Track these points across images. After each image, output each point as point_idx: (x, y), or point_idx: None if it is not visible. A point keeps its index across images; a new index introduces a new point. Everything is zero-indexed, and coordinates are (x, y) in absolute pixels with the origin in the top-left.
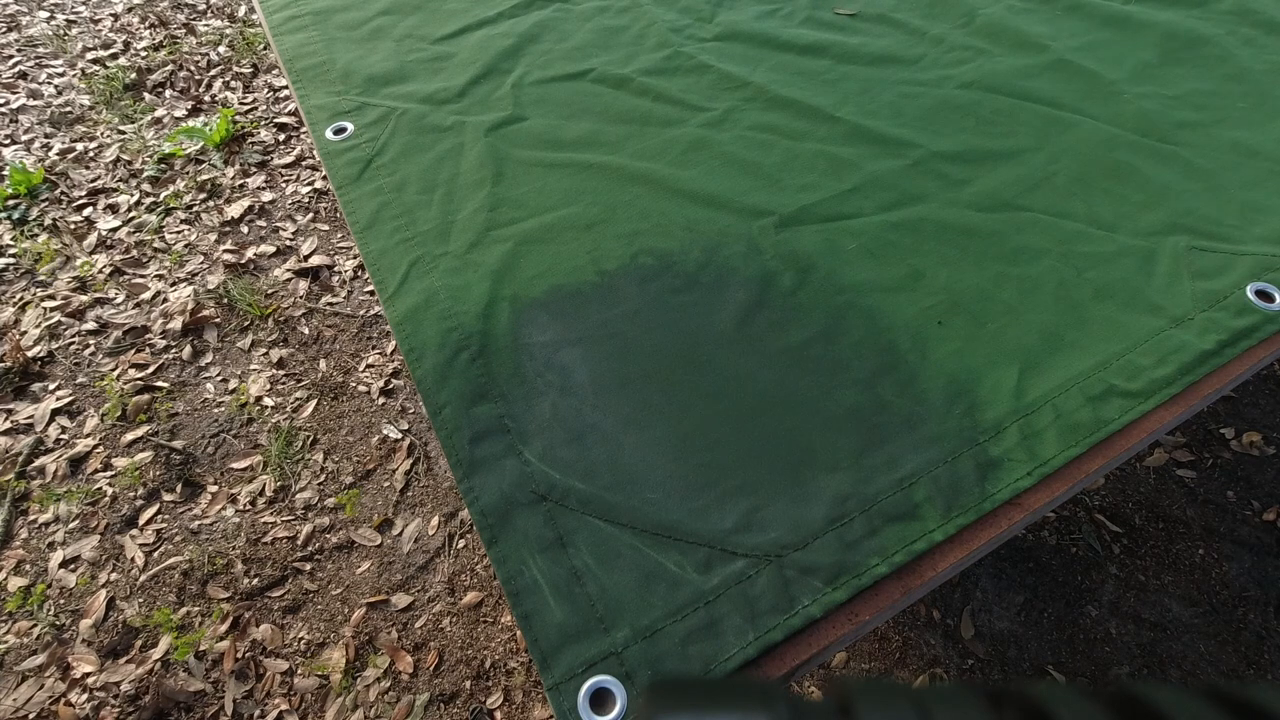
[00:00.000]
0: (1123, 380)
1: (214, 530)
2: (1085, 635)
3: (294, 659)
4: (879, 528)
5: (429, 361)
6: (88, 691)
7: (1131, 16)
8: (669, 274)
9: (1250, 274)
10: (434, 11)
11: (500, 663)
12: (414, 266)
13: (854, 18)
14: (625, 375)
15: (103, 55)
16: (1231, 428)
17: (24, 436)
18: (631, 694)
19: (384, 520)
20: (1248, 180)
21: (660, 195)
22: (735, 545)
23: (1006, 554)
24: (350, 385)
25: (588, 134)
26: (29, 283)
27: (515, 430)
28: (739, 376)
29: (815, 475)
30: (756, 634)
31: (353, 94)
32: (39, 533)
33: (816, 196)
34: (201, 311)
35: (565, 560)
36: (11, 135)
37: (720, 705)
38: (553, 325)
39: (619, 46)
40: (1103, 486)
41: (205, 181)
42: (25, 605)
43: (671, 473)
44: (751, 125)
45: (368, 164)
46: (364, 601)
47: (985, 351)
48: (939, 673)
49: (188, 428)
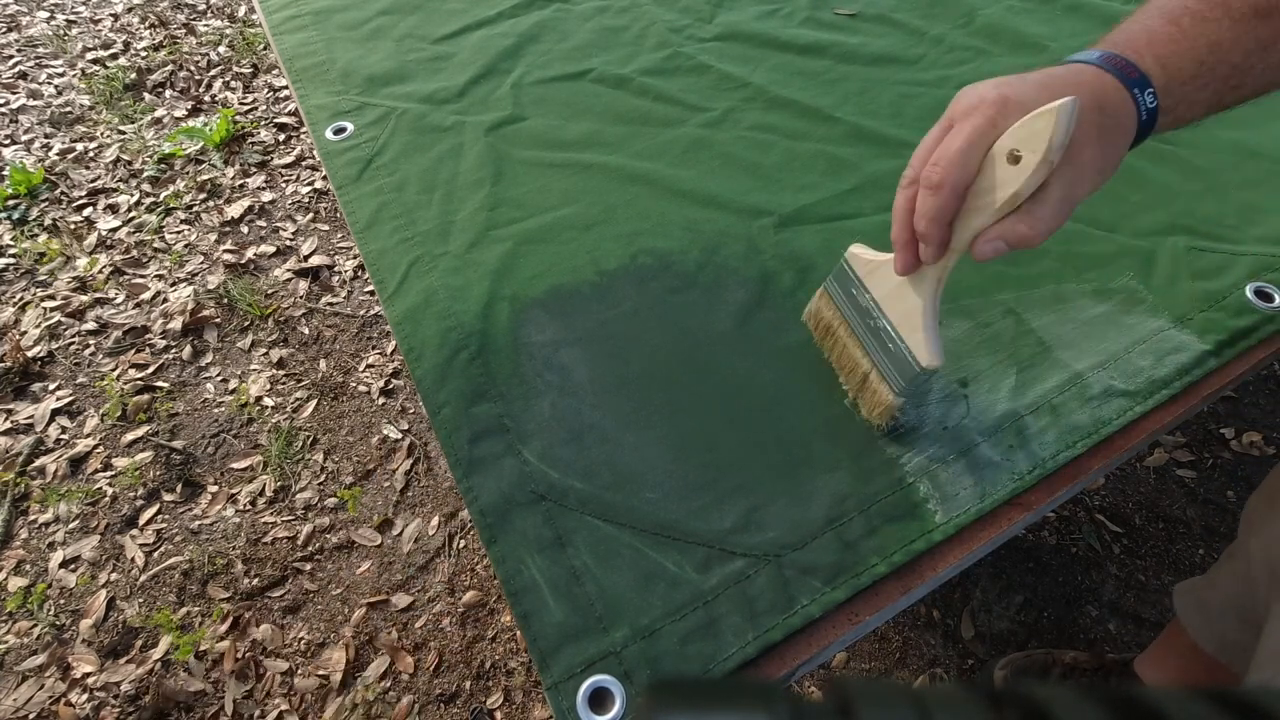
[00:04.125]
0: (1122, 380)
1: (214, 530)
2: (1085, 635)
3: (294, 659)
4: (878, 527)
5: (428, 361)
6: (88, 691)
7: None
8: (668, 274)
9: (1249, 274)
10: (434, 11)
11: (500, 663)
12: (414, 266)
13: (854, 18)
14: (624, 375)
15: (103, 55)
16: (1231, 428)
17: (24, 436)
18: (630, 694)
19: (384, 520)
20: (1247, 180)
21: (660, 195)
22: (734, 545)
23: (1006, 554)
24: (350, 385)
25: (587, 134)
26: (29, 283)
27: (514, 430)
28: (738, 376)
29: (814, 475)
30: (756, 633)
31: (353, 94)
32: (39, 533)
33: (816, 196)
34: (201, 311)
35: (564, 560)
36: (11, 135)
37: (720, 705)
38: (552, 325)
39: (619, 46)
40: (1103, 486)
41: (205, 181)
42: (25, 605)
43: (670, 472)
44: (751, 125)
45: (368, 164)
46: (364, 601)
47: (985, 351)
48: (939, 673)
49: (188, 428)
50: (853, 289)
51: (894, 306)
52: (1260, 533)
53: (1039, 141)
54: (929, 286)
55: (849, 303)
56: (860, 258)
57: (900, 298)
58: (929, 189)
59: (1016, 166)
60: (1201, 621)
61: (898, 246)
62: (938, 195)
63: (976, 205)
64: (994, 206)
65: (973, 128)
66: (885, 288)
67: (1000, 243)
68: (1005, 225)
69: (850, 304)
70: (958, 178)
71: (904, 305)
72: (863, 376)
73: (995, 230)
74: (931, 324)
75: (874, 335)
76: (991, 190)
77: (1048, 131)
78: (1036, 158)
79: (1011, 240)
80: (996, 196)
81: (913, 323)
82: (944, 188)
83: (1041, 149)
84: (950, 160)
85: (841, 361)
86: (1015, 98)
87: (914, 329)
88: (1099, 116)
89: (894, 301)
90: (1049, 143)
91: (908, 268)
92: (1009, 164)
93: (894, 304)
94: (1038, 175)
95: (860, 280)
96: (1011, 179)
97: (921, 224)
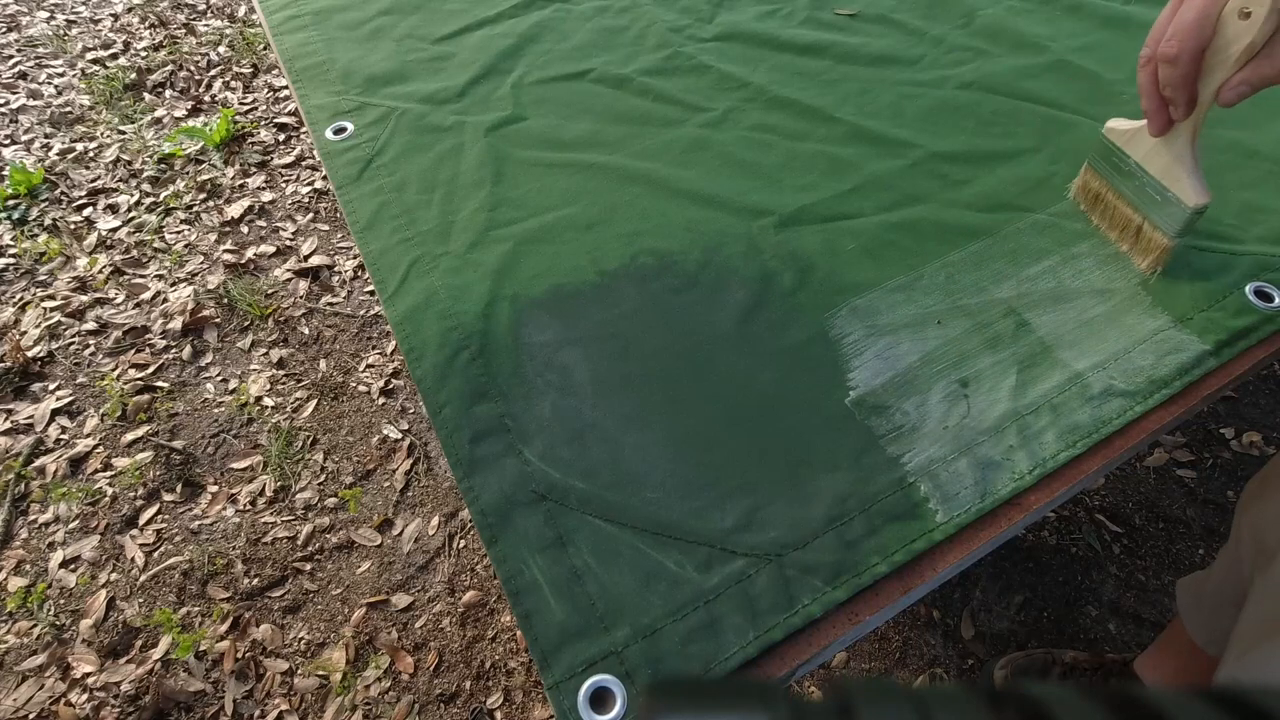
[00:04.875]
0: (1122, 380)
1: (214, 530)
2: (1085, 635)
3: (294, 659)
4: (879, 527)
5: (429, 361)
6: (88, 691)
7: (1131, 16)
8: (669, 274)
9: (1249, 274)
10: (434, 11)
11: (500, 663)
12: (414, 266)
13: (854, 18)
14: (625, 375)
15: (103, 55)
16: (1231, 428)
17: (24, 436)
18: (631, 693)
19: (384, 520)
20: (1247, 180)
21: (660, 195)
22: (735, 544)
23: (1006, 554)
24: (350, 385)
25: (587, 134)
26: (29, 283)
27: (515, 429)
28: (739, 376)
29: (815, 475)
30: (757, 633)
31: (353, 94)
32: (39, 533)
33: (816, 197)
34: (201, 311)
35: (565, 559)
36: (11, 135)
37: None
38: (553, 325)
39: (619, 46)
40: (1103, 486)
41: (205, 181)
42: (25, 605)
43: (671, 472)
44: (751, 125)
45: (368, 164)
46: (364, 601)
47: (985, 351)
48: (939, 673)
49: (188, 428)
50: (1114, 157)
51: (1155, 163)
52: (1250, 510)
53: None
54: (1184, 138)
55: (1113, 170)
56: (1115, 130)
57: (1159, 154)
58: (1167, 61)
59: (1248, 21)
60: (1197, 614)
61: (1149, 114)
62: (1176, 65)
63: (1216, 62)
64: (1233, 59)
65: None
66: (1143, 149)
67: (1244, 87)
68: (1248, 71)
69: (1114, 171)
70: (1195, 45)
71: (1163, 160)
72: (1136, 229)
73: (1239, 76)
74: (1195, 168)
75: (1140, 192)
76: (1228, 46)
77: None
78: (1264, 9)
79: (1255, 82)
80: (1233, 50)
81: (1175, 173)
82: (1182, 57)
83: (1268, 2)
84: (1187, 30)
85: (1114, 221)
86: None
87: (1177, 178)
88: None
89: (1154, 159)
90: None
91: (1162, 129)
92: (1240, 20)
93: (1154, 161)
94: (1269, 24)
95: (1119, 149)
96: (1245, 32)
97: (1168, 90)
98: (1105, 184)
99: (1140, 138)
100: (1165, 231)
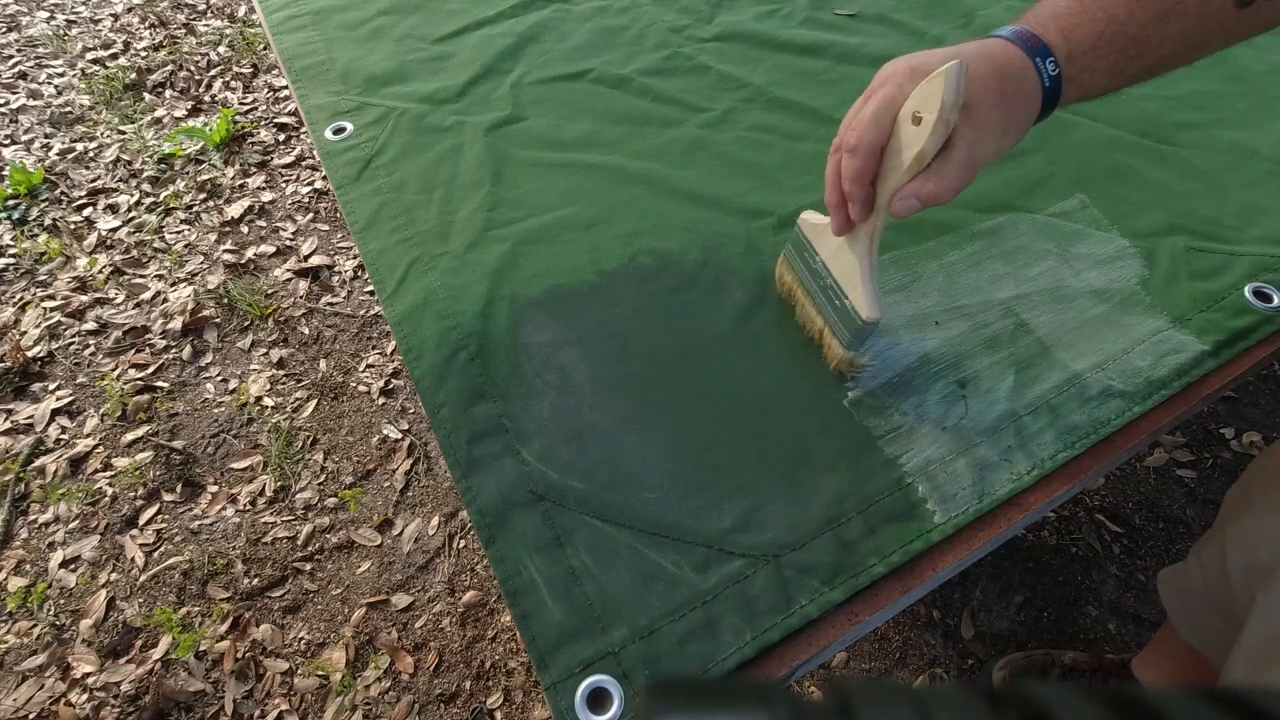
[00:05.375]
0: (1120, 381)
1: (214, 530)
2: (1085, 635)
3: (294, 659)
4: (877, 528)
5: (427, 361)
6: (88, 691)
7: None
8: (668, 274)
9: (1248, 274)
10: (434, 11)
11: (500, 663)
12: (413, 266)
13: (854, 18)
14: (624, 375)
15: (103, 55)
16: (1231, 428)
17: (24, 436)
18: (629, 694)
19: (384, 520)
20: (1246, 181)
21: (659, 195)
22: (733, 545)
23: (1006, 554)
24: (350, 385)
25: (587, 134)
26: (29, 283)
27: (513, 430)
28: (738, 376)
29: (813, 475)
30: (754, 634)
31: (352, 94)
32: (39, 533)
33: (815, 197)
34: (201, 311)
35: (563, 560)
36: (11, 135)
37: (719, 705)
38: (551, 325)
39: (618, 47)
40: (1103, 486)
41: (205, 181)
42: (25, 605)
43: (669, 472)
44: (750, 126)
45: (367, 164)
46: (364, 601)
47: (983, 351)
48: (939, 673)
49: (188, 428)
50: (805, 252)
51: (837, 265)
52: (1237, 524)
53: (934, 102)
54: (863, 244)
55: (804, 265)
56: (808, 222)
57: (841, 257)
58: (848, 152)
59: (919, 127)
60: (1182, 612)
61: (831, 209)
62: (855, 157)
63: (891, 166)
64: (905, 165)
65: (883, 94)
66: (830, 248)
67: (913, 200)
68: (916, 183)
69: (804, 266)
70: (871, 140)
71: (844, 263)
72: (819, 332)
73: (908, 188)
74: (869, 278)
75: (824, 293)
76: (901, 151)
77: (939, 92)
78: (933, 117)
79: (922, 197)
80: (905, 156)
81: (852, 279)
82: (859, 149)
83: (936, 108)
84: (863, 124)
85: (802, 319)
86: (923, 67)
87: (854, 285)
88: (1000, 83)
89: (837, 260)
90: (941, 101)
91: (842, 228)
92: (913, 125)
93: (837, 263)
94: (937, 134)
95: (809, 243)
96: (916, 139)
97: (846, 184)
98: (795, 279)
99: (828, 235)
100: (840, 339)
